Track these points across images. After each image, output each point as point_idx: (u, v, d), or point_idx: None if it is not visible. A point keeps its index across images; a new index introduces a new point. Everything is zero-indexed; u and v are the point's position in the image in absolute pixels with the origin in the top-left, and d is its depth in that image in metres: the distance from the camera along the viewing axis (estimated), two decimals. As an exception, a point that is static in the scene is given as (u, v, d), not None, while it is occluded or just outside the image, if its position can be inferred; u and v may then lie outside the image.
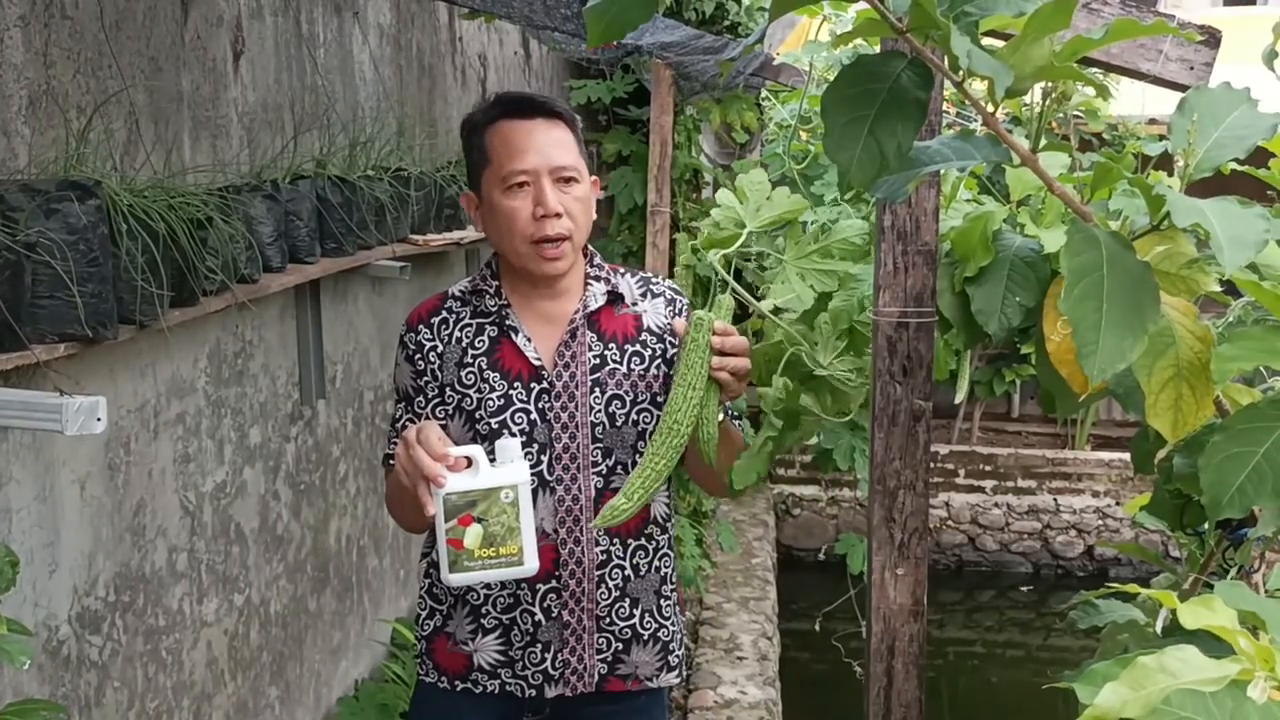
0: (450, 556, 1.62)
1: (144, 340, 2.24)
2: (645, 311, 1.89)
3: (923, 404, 1.50)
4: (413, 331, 1.87)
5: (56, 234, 1.72)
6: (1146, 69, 1.36)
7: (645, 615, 1.87)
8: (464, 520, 1.62)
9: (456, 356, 1.84)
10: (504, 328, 1.84)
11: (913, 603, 1.54)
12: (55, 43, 2.00)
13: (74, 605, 2.13)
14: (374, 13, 3.51)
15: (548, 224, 1.75)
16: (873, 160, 0.83)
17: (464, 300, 1.88)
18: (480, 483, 1.62)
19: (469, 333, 1.85)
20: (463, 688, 1.88)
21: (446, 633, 1.89)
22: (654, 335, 1.88)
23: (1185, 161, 0.96)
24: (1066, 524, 7.55)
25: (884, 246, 1.47)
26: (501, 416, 1.81)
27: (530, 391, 1.81)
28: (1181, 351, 1.00)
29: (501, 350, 1.83)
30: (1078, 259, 0.88)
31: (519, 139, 1.77)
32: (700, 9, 5.53)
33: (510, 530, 1.63)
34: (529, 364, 1.82)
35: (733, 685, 4.42)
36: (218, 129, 2.56)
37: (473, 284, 1.90)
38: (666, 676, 1.91)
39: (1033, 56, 0.84)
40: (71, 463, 2.10)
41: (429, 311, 1.88)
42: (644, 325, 1.88)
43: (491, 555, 1.63)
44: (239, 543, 2.75)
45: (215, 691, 2.65)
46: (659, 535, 1.90)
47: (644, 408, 1.84)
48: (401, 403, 1.89)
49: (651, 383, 1.85)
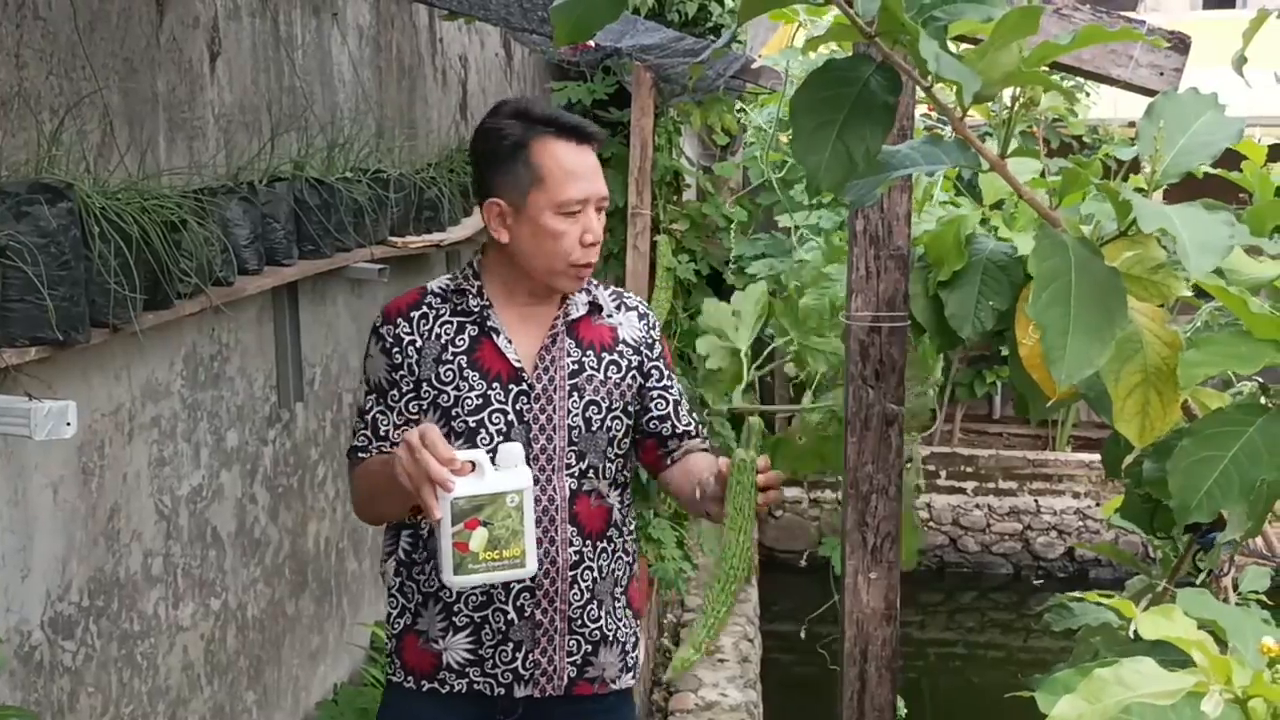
0: (455, 559, 1.64)
1: (118, 343, 2.22)
2: (620, 324, 1.96)
3: (895, 408, 1.50)
4: (390, 324, 1.88)
5: (27, 237, 1.70)
6: (1117, 75, 1.36)
7: (608, 616, 1.92)
8: (470, 524, 1.63)
9: (435, 352, 1.86)
10: (485, 328, 1.87)
11: (885, 606, 1.54)
12: (27, 44, 1.99)
13: (47, 610, 2.11)
14: (353, 14, 3.50)
15: (591, 251, 1.83)
16: (841, 164, 0.83)
17: (443, 297, 1.90)
18: (487, 487, 1.64)
19: (449, 330, 1.87)
20: (429, 688, 1.89)
21: (417, 630, 1.90)
22: (630, 347, 1.95)
23: (1152, 167, 0.96)
24: (1047, 525, 7.58)
25: (856, 251, 1.47)
26: (479, 415, 1.83)
27: (509, 392, 1.84)
28: (1149, 357, 1.00)
29: (482, 350, 1.86)
30: (1045, 264, 0.88)
31: (577, 165, 1.82)
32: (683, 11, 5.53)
33: (514, 533, 1.65)
34: (509, 365, 1.85)
35: (714, 688, 4.42)
36: (194, 131, 2.54)
37: (454, 282, 1.92)
38: (626, 678, 1.96)
39: (1001, 62, 0.84)
40: (44, 466, 2.08)
41: (409, 305, 1.89)
42: (620, 336, 1.94)
43: (495, 558, 1.65)
44: (215, 546, 2.73)
45: (191, 696, 2.63)
46: (617, 538, 1.94)
47: (617, 415, 1.90)
48: (372, 394, 1.89)
49: (625, 392, 1.92)
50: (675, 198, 5.06)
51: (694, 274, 4.79)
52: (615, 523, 1.93)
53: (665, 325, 4.71)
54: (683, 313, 4.83)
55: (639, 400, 1.95)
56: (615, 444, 1.91)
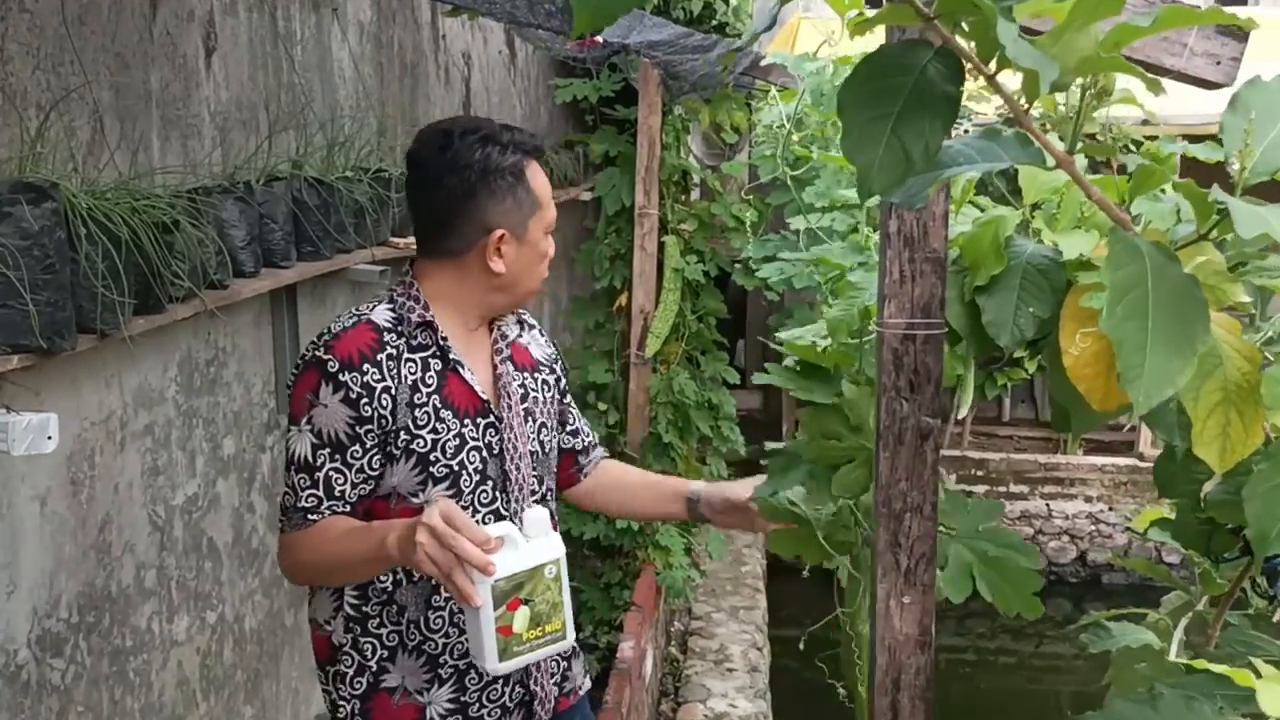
0: (500, 645, 1.51)
1: (109, 349, 2.13)
2: (530, 343, 1.94)
3: (931, 421, 1.41)
4: (353, 370, 1.65)
5: (8, 239, 1.61)
6: (1171, 64, 1.27)
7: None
8: (512, 605, 1.51)
9: (406, 396, 1.68)
10: (448, 361, 1.74)
11: (920, 633, 1.45)
12: (13, 37, 1.90)
13: (34, 628, 2.02)
14: (354, 9, 3.41)
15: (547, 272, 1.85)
16: (897, 162, 0.74)
17: (395, 331, 1.72)
18: (524, 562, 1.52)
19: (414, 369, 1.70)
20: None
21: (387, 688, 1.75)
22: (545, 365, 1.94)
23: (1240, 164, 0.87)
24: (1059, 529, 7.49)
25: (889, 254, 1.38)
26: (459, 456, 1.71)
27: (479, 426, 1.75)
28: (1229, 373, 0.91)
29: (450, 386, 1.73)
30: (1120, 273, 0.79)
31: (546, 189, 1.80)
32: (688, 8, 5.44)
33: (554, 606, 1.55)
34: (477, 398, 1.76)
35: (723, 698, 4.33)
36: (188, 128, 2.45)
37: (397, 310, 1.74)
38: (586, 680, 1.99)
39: (1077, 46, 0.75)
40: (31, 478, 1.99)
41: (370, 348, 1.68)
42: (534, 356, 1.92)
43: (538, 635, 1.55)
44: (211, 558, 2.64)
45: (187, 713, 2.55)
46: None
47: (554, 434, 1.93)
48: (325, 449, 1.67)
49: (552, 409, 1.93)
50: (683, 197, 4.97)
51: (702, 275, 4.70)
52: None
53: (673, 327, 4.62)
54: (691, 314, 4.74)
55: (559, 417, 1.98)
56: (555, 462, 1.94)
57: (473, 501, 1.74)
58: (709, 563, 5.55)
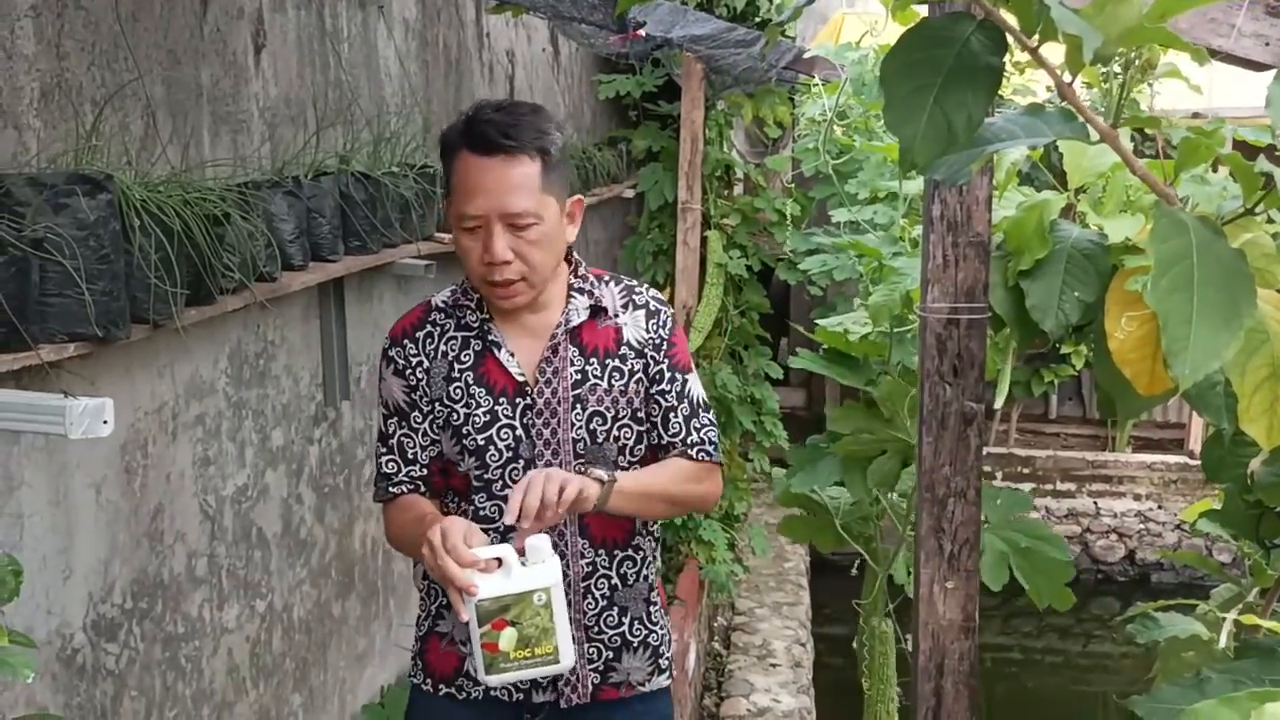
0: (486, 659, 1.61)
1: (161, 340, 2.17)
2: (626, 324, 1.87)
3: (974, 406, 1.41)
4: (399, 346, 1.86)
5: (65, 229, 1.65)
6: (1218, 45, 1.26)
7: (635, 623, 1.89)
8: (498, 625, 1.60)
9: (444, 371, 1.83)
10: (487, 342, 1.83)
11: (963, 618, 1.44)
12: (68, 34, 1.94)
13: (89, 613, 2.06)
14: (399, 7, 3.44)
15: (494, 270, 1.73)
16: (939, 134, 0.74)
17: (447, 312, 1.87)
18: (512, 586, 1.60)
19: (454, 346, 1.84)
20: (446, 692, 1.89)
21: (439, 633, 1.90)
22: (633, 350, 1.86)
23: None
24: (1107, 528, 7.39)
25: (933, 238, 1.38)
26: (488, 433, 1.81)
27: (515, 407, 1.80)
28: (1277, 349, 0.90)
29: (486, 365, 1.82)
30: (1165, 246, 0.78)
31: (474, 178, 1.72)
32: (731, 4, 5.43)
33: (544, 631, 1.61)
34: (512, 379, 1.81)
35: (766, 693, 4.32)
36: (238, 124, 2.49)
37: (454, 297, 1.88)
38: (659, 680, 1.94)
39: (1121, 17, 0.75)
40: (86, 466, 2.04)
41: (413, 325, 1.87)
42: (624, 339, 1.86)
43: (527, 656, 1.62)
44: (261, 547, 2.68)
45: (236, 700, 2.59)
46: (646, 545, 1.92)
47: (625, 423, 1.83)
48: (393, 418, 1.87)
49: (633, 399, 1.84)
50: (726, 192, 4.97)
51: (745, 269, 4.70)
52: (639, 531, 1.90)
53: (716, 322, 4.61)
54: (734, 309, 4.73)
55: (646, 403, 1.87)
56: (627, 452, 1.85)
57: (502, 477, 1.81)
58: (752, 559, 5.54)
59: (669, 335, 1.88)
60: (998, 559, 1.56)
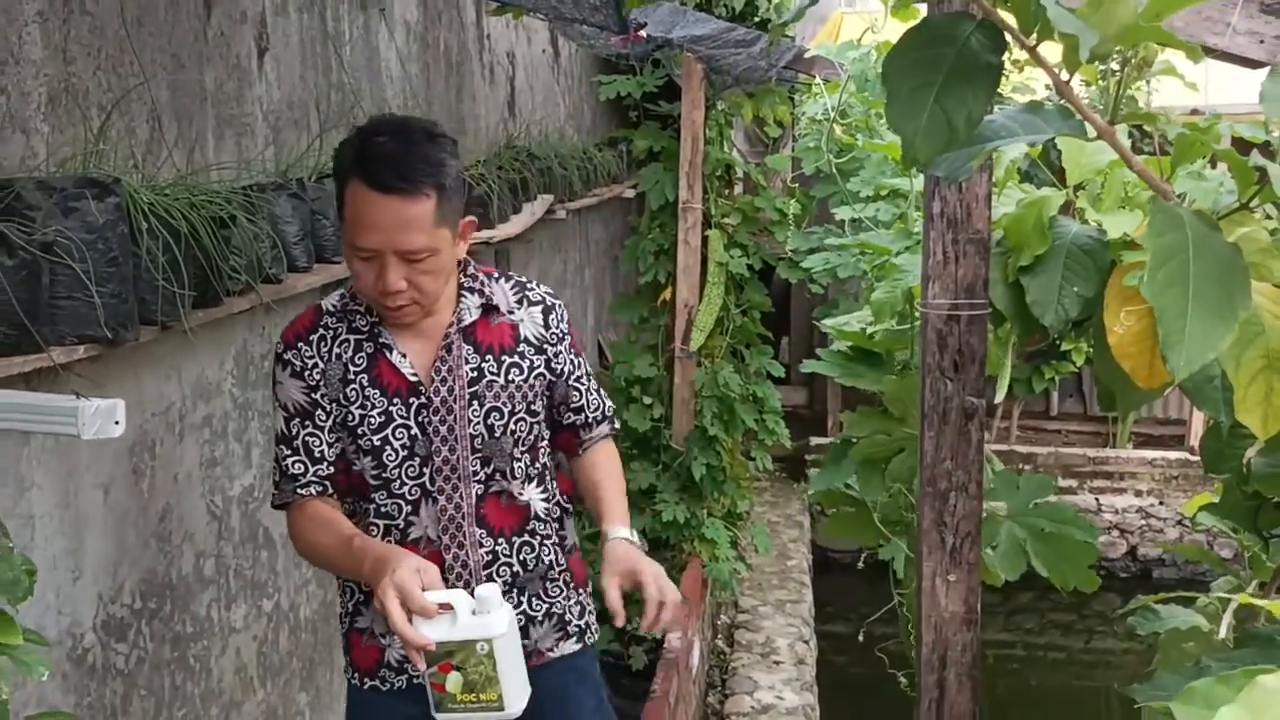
0: (434, 698, 1.68)
1: (168, 342, 2.19)
2: (522, 321, 1.93)
3: (975, 401, 1.42)
4: (293, 349, 1.88)
5: (74, 233, 1.67)
6: (1214, 43, 1.27)
7: (533, 599, 1.95)
8: (444, 667, 1.66)
9: (339, 373, 1.87)
10: (379, 344, 1.87)
11: (965, 610, 1.46)
12: (75, 39, 1.96)
13: (99, 613, 2.08)
14: (401, 9, 3.46)
15: (388, 298, 1.78)
16: (940, 131, 0.76)
17: (338, 316, 1.90)
18: (457, 634, 1.65)
19: (347, 349, 1.88)
20: (370, 685, 1.96)
21: (359, 628, 1.96)
22: (532, 346, 1.92)
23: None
24: (1109, 524, 7.40)
25: (933, 235, 1.39)
26: (383, 433, 1.86)
27: (409, 407, 1.85)
28: (1271, 341, 0.92)
29: (379, 367, 1.87)
30: (1161, 240, 0.80)
31: (369, 214, 1.73)
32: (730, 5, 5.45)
33: (489, 679, 1.66)
34: (405, 380, 1.86)
35: (769, 690, 4.34)
36: (242, 127, 2.51)
37: (343, 302, 1.91)
38: (568, 644, 2.00)
39: (1116, 15, 0.76)
40: (95, 467, 2.05)
41: (306, 329, 1.90)
42: (521, 335, 1.92)
43: (472, 700, 1.68)
44: (267, 547, 2.70)
45: (244, 699, 2.61)
46: (541, 529, 1.96)
47: (521, 417, 1.90)
48: (295, 419, 1.88)
49: (528, 393, 1.91)
50: (727, 191, 4.98)
51: (746, 269, 4.71)
52: (535, 515, 1.95)
53: (717, 321, 4.63)
54: (735, 308, 4.75)
55: (550, 395, 1.96)
56: (521, 444, 1.92)
57: (399, 475, 1.87)
58: (755, 557, 5.55)
59: (565, 329, 1.98)
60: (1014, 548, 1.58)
